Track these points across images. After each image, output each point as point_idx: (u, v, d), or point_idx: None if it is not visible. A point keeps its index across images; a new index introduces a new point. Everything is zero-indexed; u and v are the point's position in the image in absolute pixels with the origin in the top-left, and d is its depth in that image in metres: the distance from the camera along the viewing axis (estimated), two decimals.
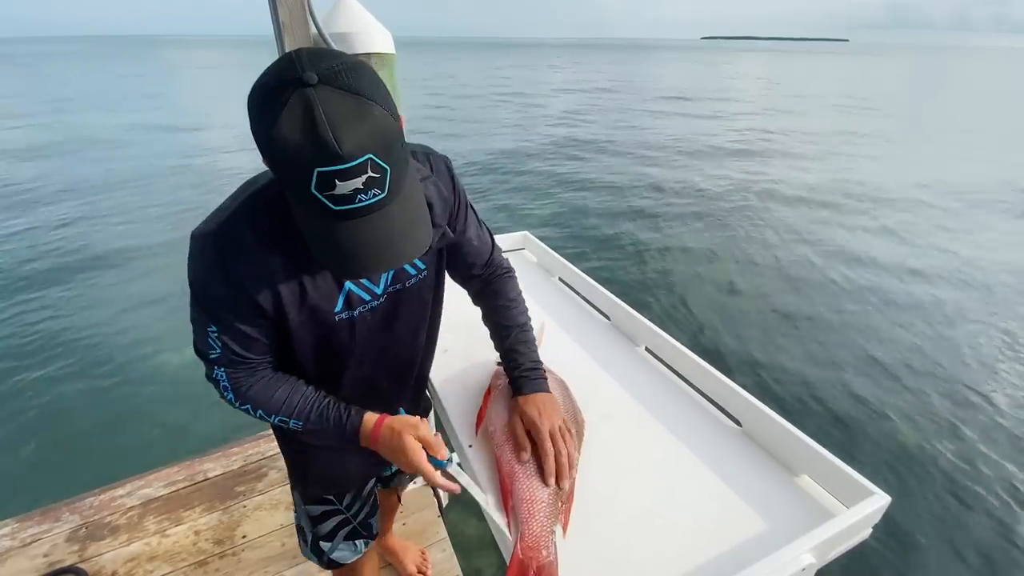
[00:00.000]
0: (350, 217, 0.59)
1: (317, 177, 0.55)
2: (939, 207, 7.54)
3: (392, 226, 0.62)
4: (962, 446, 3.12)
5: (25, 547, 1.80)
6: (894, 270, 5.46)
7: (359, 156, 0.55)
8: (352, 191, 0.57)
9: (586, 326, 1.45)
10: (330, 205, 0.58)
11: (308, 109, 0.54)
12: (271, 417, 0.82)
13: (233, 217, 0.70)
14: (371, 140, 0.56)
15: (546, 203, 7.47)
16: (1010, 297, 4.94)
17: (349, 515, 1.14)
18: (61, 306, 4.48)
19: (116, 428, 3.15)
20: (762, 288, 5.07)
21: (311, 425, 0.83)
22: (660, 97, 21.30)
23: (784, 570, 0.72)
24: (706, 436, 1.05)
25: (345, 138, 0.54)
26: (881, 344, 4.14)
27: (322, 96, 0.54)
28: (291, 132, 0.54)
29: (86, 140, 11.33)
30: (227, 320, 0.74)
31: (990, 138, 13.21)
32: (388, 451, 0.81)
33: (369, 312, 0.83)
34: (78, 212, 6.83)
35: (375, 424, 0.82)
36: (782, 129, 13.95)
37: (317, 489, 1.10)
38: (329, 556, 1.16)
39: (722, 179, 8.87)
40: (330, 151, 0.54)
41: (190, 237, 0.71)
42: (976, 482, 2.87)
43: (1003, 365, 3.91)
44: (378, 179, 0.58)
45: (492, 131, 12.95)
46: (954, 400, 3.52)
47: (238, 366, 0.79)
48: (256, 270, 0.70)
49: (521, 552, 0.74)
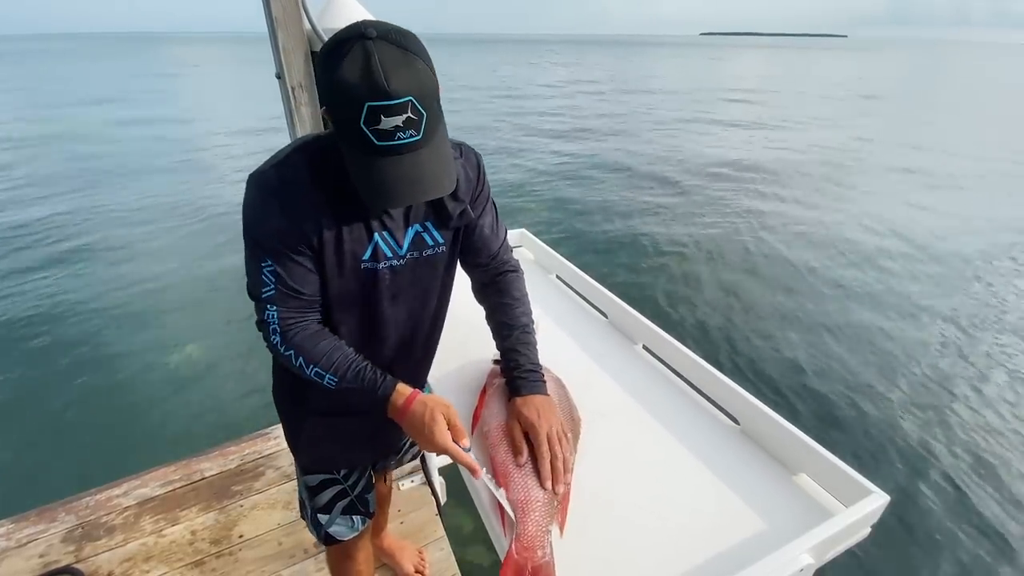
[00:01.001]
0: (388, 153, 0.70)
1: (367, 111, 0.66)
2: (952, 207, 7.54)
3: (422, 167, 0.72)
4: (962, 444, 3.13)
5: (21, 547, 1.79)
6: (892, 270, 5.46)
7: (403, 96, 0.66)
8: (393, 127, 0.68)
9: (583, 324, 1.45)
10: (373, 140, 0.68)
11: (367, 56, 0.66)
12: (309, 367, 0.85)
13: (288, 159, 0.80)
14: (414, 86, 0.67)
15: (543, 201, 7.46)
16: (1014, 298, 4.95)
17: (347, 485, 1.15)
18: (57, 305, 4.46)
19: (112, 428, 3.14)
20: (761, 287, 5.06)
21: (346, 383, 0.85)
22: (659, 93, 21.25)
23: (783, 570, 0.72)
24: (704, 435, 1.04)
25: (393, 79, 0.66)
26: (881, 343, 4.14)
27: (379, 47, 0.67)
28: (351, 73, 0.66)
29: (68, 136, 11.25)
30: (282, 252, 0.80)
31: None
32: (415, 426, 0.83)
33: (389, 270, 0.89)
34: (69, 206, 6.80)
35: (408, 397, 0.85)
36: (779, 125, 13.95)
37: (310, 460, 1.12)
38: (326, 530, 1.16)
39: (720, 179, 8.86)
40: (380, 88, 0.65)
41: (247, 178, 0.80)
42: (976, 480, 2.88)
43: (1007, 365, 3.92)
44: (415, 121, 0.69)
45: (488, 128, 12.92)
46: (954, 398, 3.53)
47: (290, 304, 0.83)
48: (308, 203, 0.79)
49: (516, 552, 0.73)
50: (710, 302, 4.73)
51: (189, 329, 4.05)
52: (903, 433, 3.20)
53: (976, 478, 2.89)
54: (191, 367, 3.63)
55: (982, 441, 3.15)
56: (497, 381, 1.04)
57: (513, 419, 0.93)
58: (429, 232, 0.91)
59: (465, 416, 1.06)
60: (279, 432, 2.25)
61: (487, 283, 1.08)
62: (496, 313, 1.06)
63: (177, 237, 5.76)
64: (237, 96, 19.86)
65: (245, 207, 0.80)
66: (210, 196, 7.32)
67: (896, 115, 17.15)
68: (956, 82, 31.35)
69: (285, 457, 2.15)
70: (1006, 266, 5.58)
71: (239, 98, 19.02)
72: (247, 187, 0.80)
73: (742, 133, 12.81)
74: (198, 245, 5.55)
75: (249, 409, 3.19)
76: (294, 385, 1.00)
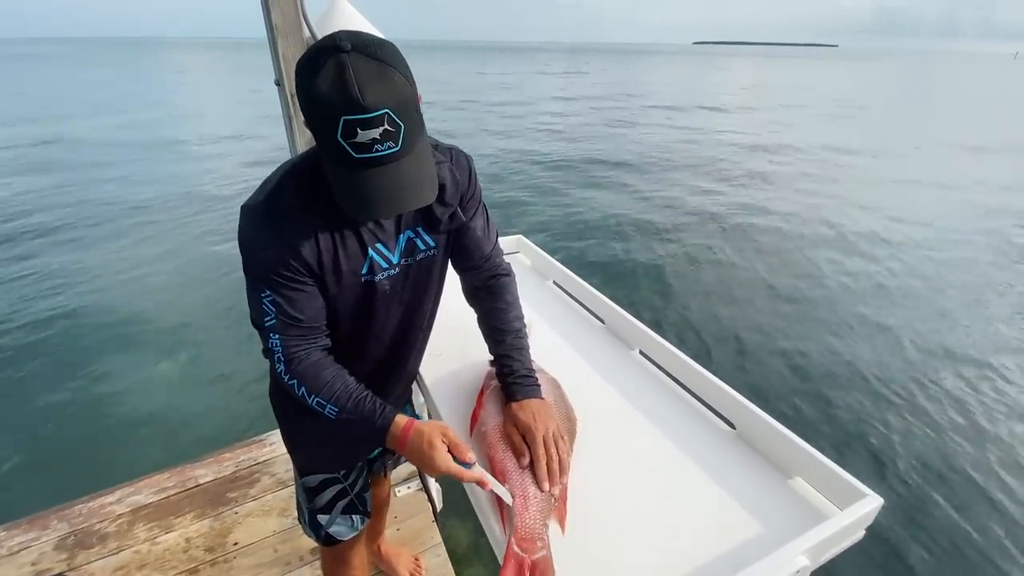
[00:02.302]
0: (367, 165, 0.70)
1: (343, 125, 0.66)
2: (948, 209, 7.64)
3: (402, 178, 0.72)
4: (958, 447, 3.15)
5: (12, 555, 1.78)
6: (891, 274, 5.52)
7: (378, 109, 0.66)
8: (370, 140, 0.68)
9: (580, 329, 1.46)
10: (352, 153, 0.68)
11: (341, 68, 0.65)
12: (311, 397, 0.86)
13: (278, 186, 0.80)
14: (389, 98, 0.67)
15: (540, 208, 7.49)
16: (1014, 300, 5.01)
17: (347, 484, 1.15)
18: (51, 311, 4.43)
19: (106, 435, 3.11)
20: (757, 292, 5.10)
21: (346, 413, 0.86)
22: (652, 103, 21.44)
23: (779, 572, 0.72)
24: (700, 438, 1.05)
25: (368, 93, 0.65)
26: (877, 347, 4.18)
27: (353, 59, 0.66)
28: (325, 87, 0.66)
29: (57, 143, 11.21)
30: (278, 281, 0.81)
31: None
32: (414, 453, 0.84)
33: (387, 280, 0.90)
34: (73, 206, 6.78)
35: (404, 426, 0.85)
36: (773, 130, 14.09)
37: (309, 460, 1.12)
38: (327, 530, 1.16)
39: (718, 183, 8.93)
40: (355, 101, 0.65)
41: (240, 209, 0.80)
42: (971, 483, 2.90)
43: (1002, 367, 3.96)
44: (393, 133, 0.69)
45: (486, 135, 12.97)
46: (949, 401, 3.56)
47: (291, 332, 0.84)
48: (301, 229, 0.79)
49: (516, 544, 0.74)
50: (705, 307, 4.75)
51: (183, 336, 4.02)
52: (899, 435, 3.22)
53: (975, 482, 2.91)
54: (185, 374, 3.60)
55: (979, 442, 3.18)
56: (494, 382, 1.05)
57: (510, 424, 0.94)
58: (421, 237, 0.93)
59: (463, 416, 1.06)
60: (274, 438, 2.24)
61: (479, 287, 1.08)
62: (489, 318, 1.06)
63: (171, 244, 5.78)
64: (227, 102, 19.85)
65: (240, 240, 0.81)
66: (207, 202, 7.32)
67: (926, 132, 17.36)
68: (984, 95, 31.57)
69: (280, 464, 2.14)
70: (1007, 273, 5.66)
71: (228, 103, 19.01)
72: (240, 220, 0.80)
73: (748, 139, 12.93)
74: (192, 252, 5.55)
75: (244, 415, 3.17)
76: None
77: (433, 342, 1.11)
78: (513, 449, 0.91)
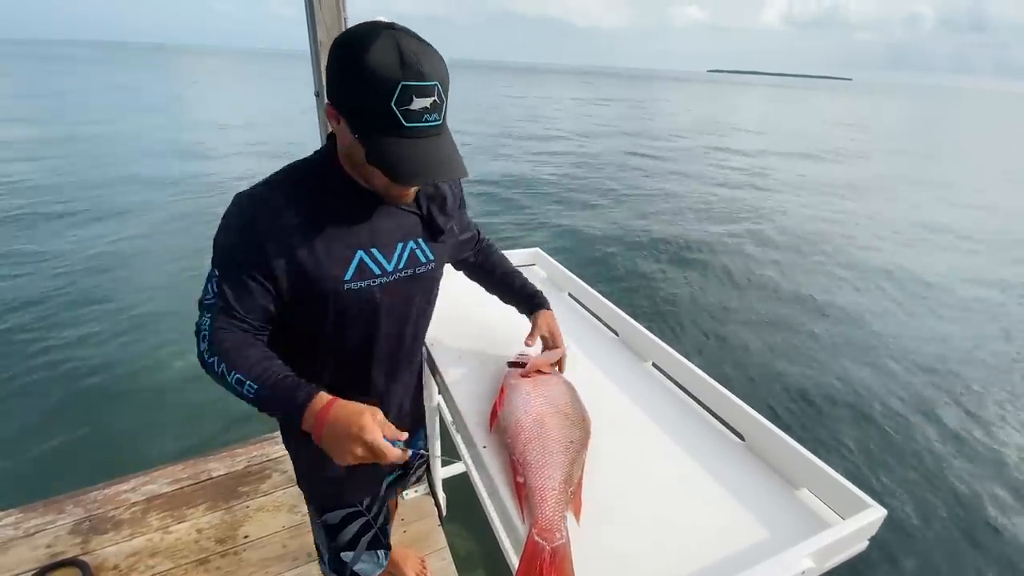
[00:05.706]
0: (415, 135, 0.74)
1: (401, 90, 0.70)
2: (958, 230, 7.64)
3: (443, 150, 0.78)
4: (966, 460, 3.16)
5: (28, 537, 1.82)
6: (896, 287, 5.53)
7: (432, 80, 0.72)
8: (421, 108, 0.72)
9: (595, 341, 1.50)
10: (402, 120, 0.72)
11: (397, 40, 0.70)
12: (230, 374, 0.78)
13: (269, 183, 0.84)
14: (440, 72, 0.73)
15: (557, 223, 7.57)
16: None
17: (370, 517, 1.14)
18: (72, 302, 4.53)
19: (121, 425, 3.17)
20: (769, 308, 5.13)
21: (264, 392, 0.77)
22: (669, 126, 21.65)
23: (785, 573, 0.76)
24: (710, 449, 1.08)
25: (424, 63, 0.71)
26: (884, 361, 4.19)
27: (403, 35, 0.71)
28: (384, 55, 0.69)
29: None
30: (231, 269, 0.82)
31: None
32: (337, 433, 0.75)
33: (379, 288, 0.90)
34: (85, 207, 6.93)
35: (329, 401, 0.77)
36: (790, 157, 14.17)
37: (330, 496, 1.10)
38: (352, 568, 1.14)
39: (733, 201, 9.01)
40: (415, 68, 0.70)
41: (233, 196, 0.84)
42: (976, 495, 2.89)
43: (1013, 383, 3.95)
44: (439, 105, 0.74)
45: (505, 153, 13.15)
46: (958, 415, 3.56)
47: (223, 318, 0.81)
48: (279, 229, 0.81)
49: (537, 534, 0.78)
50: (717, 321, 4.79)
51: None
52: (906, 448, 3.22)
53: (975, 488, 2.91)
54: (197, 368, 3.65)
55: (986, 454, 3.18)
56: (513, 381, 1.09)
57: (544, 322, 1.18)
58: (422, 249, 0.95)
59: (483, 413, 1.10)
60: None
61: (476, 262, 1.27)
62: (496, 269, 1.26)
63: (190, 240, 5.88)
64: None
65: (220, 221, 0.83)
66: (219, 195, 7.45)
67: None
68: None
69: (292, 462, 2.18)
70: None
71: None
72: (229, 204, 0.83)
73: (763, 165, 13.01)
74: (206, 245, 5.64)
75: (258, 413, 3.20)
76: None
77: (451, 344, 1.16)
78: (547, 345, 1.18)
